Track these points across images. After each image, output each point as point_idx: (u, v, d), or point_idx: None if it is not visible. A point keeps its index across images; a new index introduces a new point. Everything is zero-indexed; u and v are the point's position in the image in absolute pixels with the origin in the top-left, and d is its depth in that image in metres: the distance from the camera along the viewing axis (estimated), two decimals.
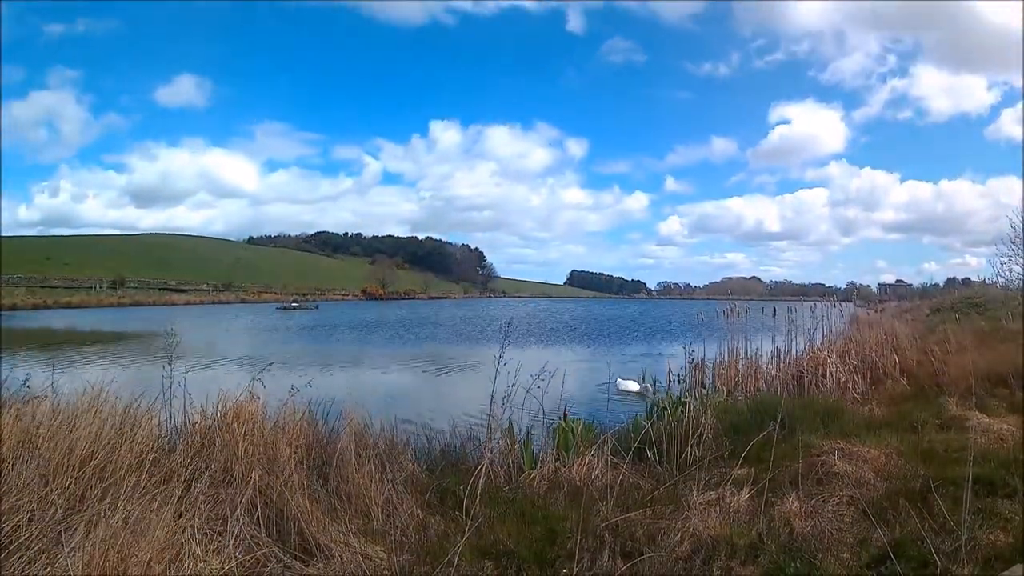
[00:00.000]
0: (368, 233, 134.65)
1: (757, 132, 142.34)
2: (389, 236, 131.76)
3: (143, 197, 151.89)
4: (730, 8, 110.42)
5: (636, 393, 10.12)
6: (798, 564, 3.08)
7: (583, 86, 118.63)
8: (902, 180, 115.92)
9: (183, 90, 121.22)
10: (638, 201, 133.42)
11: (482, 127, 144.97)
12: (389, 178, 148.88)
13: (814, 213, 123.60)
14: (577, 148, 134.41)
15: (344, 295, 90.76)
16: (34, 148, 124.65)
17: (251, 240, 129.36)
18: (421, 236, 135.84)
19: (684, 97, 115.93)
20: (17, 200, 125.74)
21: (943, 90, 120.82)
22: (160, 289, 73.39)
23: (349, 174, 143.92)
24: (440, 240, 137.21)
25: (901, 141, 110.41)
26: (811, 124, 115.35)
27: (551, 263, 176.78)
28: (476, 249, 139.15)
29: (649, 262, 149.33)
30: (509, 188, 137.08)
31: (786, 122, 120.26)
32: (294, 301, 64.09)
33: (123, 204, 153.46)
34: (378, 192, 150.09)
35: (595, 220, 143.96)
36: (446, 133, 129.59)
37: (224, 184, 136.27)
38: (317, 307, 59.33)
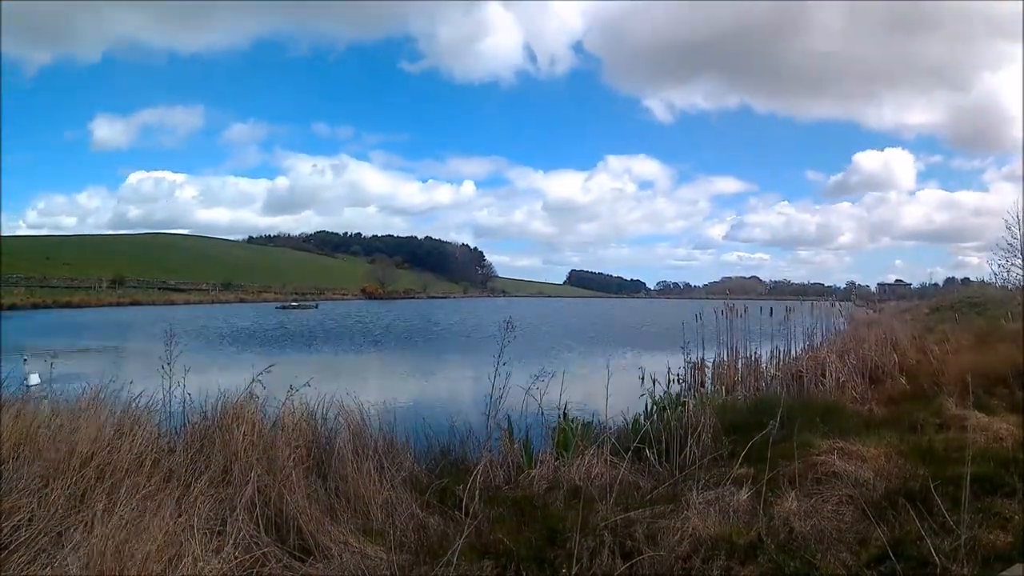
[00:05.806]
0: (431, 234, 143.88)
1: (839, 167, 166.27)
2: (389, 235, 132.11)
3: (279, 204, 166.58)
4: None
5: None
6: (797, 563, 3.08)
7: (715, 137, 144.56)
8: (924, 189, 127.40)
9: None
10: (703, 212, 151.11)
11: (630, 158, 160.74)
12: (523, 193, 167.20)
13: (847, 222, 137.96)
14: (699, 177, 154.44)
15: (344, 295, 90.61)
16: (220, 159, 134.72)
17: (251, 240, 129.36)
18: (420, 236, 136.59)
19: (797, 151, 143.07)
20: (130, 202, 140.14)
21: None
22: (160, 289, 73.18)
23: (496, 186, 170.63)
24: (439, 239, 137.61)
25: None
26: (889, 164, 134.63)
27: (553, 263, 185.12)
28: (475, 249, 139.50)
29: (682, 264, 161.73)
30: (614, 203, 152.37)
31: (868, 160, 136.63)
32: (293, 301, 63.99)
33: (253, 208, 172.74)
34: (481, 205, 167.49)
35: (655, 228, 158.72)
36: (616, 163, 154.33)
37: (360, 194, 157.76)
38: (316, 306, 59.24)
